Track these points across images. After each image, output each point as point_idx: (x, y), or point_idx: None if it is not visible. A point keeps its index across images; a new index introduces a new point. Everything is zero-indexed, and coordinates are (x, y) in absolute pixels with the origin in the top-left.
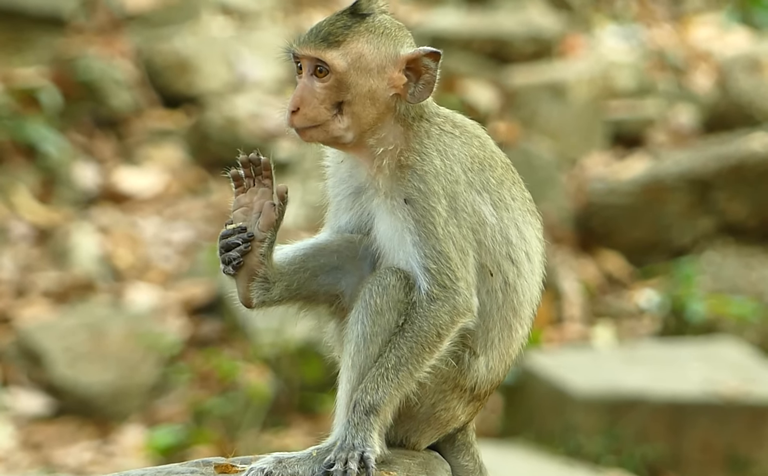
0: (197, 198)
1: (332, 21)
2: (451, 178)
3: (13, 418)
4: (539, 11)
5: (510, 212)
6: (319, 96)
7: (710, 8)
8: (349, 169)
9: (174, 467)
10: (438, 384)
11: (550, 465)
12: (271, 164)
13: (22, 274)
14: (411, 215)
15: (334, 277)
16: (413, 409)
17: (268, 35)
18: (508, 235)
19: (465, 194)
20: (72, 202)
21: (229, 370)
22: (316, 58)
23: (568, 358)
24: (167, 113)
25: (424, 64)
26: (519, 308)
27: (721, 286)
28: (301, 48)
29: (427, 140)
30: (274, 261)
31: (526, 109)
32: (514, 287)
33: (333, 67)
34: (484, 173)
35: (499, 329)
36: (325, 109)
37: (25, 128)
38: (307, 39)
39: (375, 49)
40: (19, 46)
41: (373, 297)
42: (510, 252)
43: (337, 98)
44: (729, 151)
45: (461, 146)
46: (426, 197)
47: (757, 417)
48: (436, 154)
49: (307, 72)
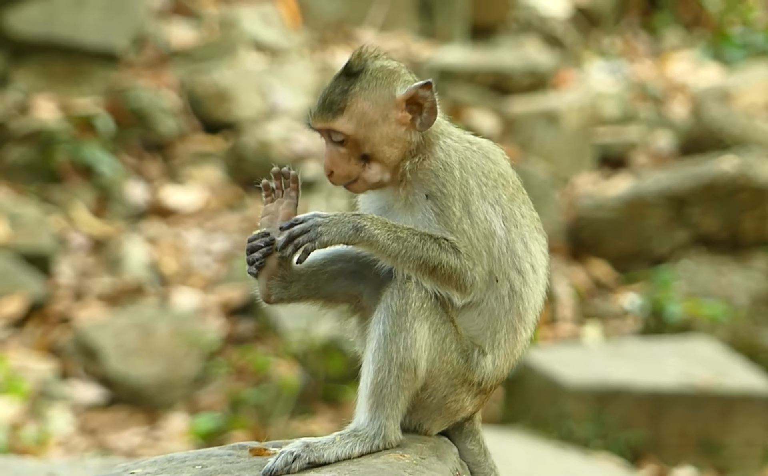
0: (234, 213)
1: (331, 89)
2: (466, 188)
3: (72, 407)
4: (535, 48)
5: (518, 228)
6: (344, 157)
7: (686, 46)
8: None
9: (213, 450)
10: (449, 379)
11: (544, 449)
12: (299, 177)
13: (80, 280)
14: (432, 208)
15: (352, 280)
16: (426, 400)
17: (297, 69)
18: (514, 248)
19: (478, 203)
20: (124, 216)
21: (262, 364)
22: (327, 128)
23: (561, 353)
24: (207, 138)
25: (421, 96)
26: (524, 313)
27: (695, 290)
28: (314, 122)
29: (447, 153)
30: (294, 263)
31: (523, 135)
32: (520, 294)
33: (344, 133)
34: (497, 189)
35: (506, 332)
36: (354, 164)
37: (83, 151)
38: (316, 113)
39: (373, 103)
40: (77, 79)
41: (394, 300)
42: (516, 264)
43: (359, 153)
44: (702, 171)
45: (478, 160)
46: (444, 197)
47: (727, 406)
48: (456, 165)
49: (328, 139)
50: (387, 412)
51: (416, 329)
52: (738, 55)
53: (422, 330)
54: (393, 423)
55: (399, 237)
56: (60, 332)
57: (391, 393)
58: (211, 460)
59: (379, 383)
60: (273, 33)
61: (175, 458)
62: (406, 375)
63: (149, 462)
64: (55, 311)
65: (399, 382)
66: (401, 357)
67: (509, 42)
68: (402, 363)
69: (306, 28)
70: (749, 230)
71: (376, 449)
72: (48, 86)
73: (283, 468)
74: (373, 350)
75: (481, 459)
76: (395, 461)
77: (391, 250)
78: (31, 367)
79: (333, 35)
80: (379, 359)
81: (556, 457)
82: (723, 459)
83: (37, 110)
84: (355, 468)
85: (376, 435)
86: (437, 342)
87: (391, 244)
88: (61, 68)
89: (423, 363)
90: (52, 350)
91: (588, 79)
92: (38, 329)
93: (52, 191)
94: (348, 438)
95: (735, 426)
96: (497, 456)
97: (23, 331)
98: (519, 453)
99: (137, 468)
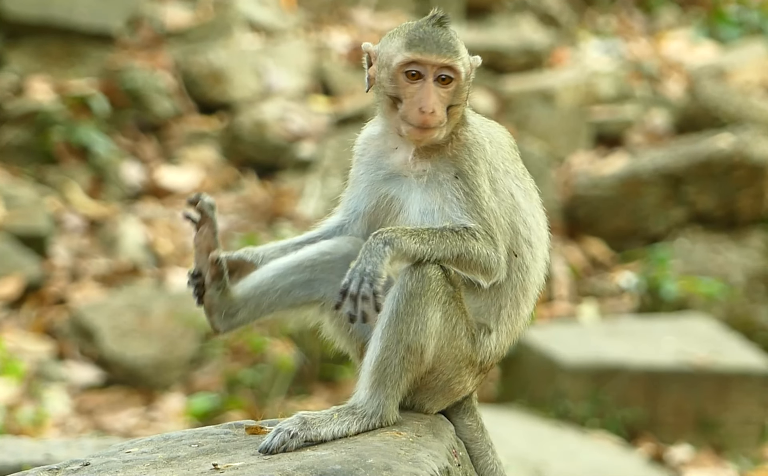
0: (229, 193)
1: (433, 32)
2: (494, 163)
3: (68, 388)
4: (531, 27)
5: (532, 202)
6: (443, 100)
7: (681, 24)
8: (382, 153)
9: (210, 429)
10: (456, 363)
11: (541, 427)
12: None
13: (76, 261)
14: (461, 188)
15: (309, 289)
16: (432, 383)
17: (292, 49)
18: (530, 221)
19: (504, 179)
20: (119, 197)
21: (258, 345)
22: (448, 65)
23: (558, 332)
24: (203, 119)
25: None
26: (528, 287)
27: (691, 268)
28: (435, 57)
29: (477, 129)
30: (235, 291)
31: (519, 114)
32: (527, 269)
33: (458, 74)
34: (517, 163)
35: (510, 307)
36: (445, 111)
37: (78, 132)
38: (433, 48)
39: (467, 57)
40: (72, 60)
41: (411, 280)
42: (529, 236)
43: (452, 101)
44: (698, 149)
45: (501, 137)
46: (475, 174)
47: (723, 384)
48: (486, 140)
49: (432, 78)
50: (387, 391)
51: (429, 316)
52: (733, 33)
53: (435, 317)
54: (392, 402)
55: (423, 239)
56: (56, 314)
57: (394, 372)
58: (207, 439)
59: (384, 361)
60: (268, 13)
61: (172, 437)
62: (412, 358)
63: (145, 441)
64: (51, 293)
65: (404, 363)
66: (410, 339)
67: (504, 21)
68: (410, 345)
69: (301, 9)
70: (745, 207)
71: (372, 427)
72: (43, 68)
73: (279, 446)
74: (383, 327)
75: (478, 436)
76: (392, 439)
77: (420, 253)
78: (27, 348)
79: (328, 15)
80: (387, 337)
81: (553, 436)
82: (719, 437)
83: (32, 92)
84: (352, 445)
85: (374, 414)
86: (448, 330)
87: (419, 247)
88: (56, 49)
89: (431, 348)
90: (48, 332)
91: (583, 58)
92: (34, 311)
93: (48, 173)
94: (346, 415)
95: (731, 404)
96: (494, 435)
97: (19, 312)
98: (516, 432)
99: (134, 448)
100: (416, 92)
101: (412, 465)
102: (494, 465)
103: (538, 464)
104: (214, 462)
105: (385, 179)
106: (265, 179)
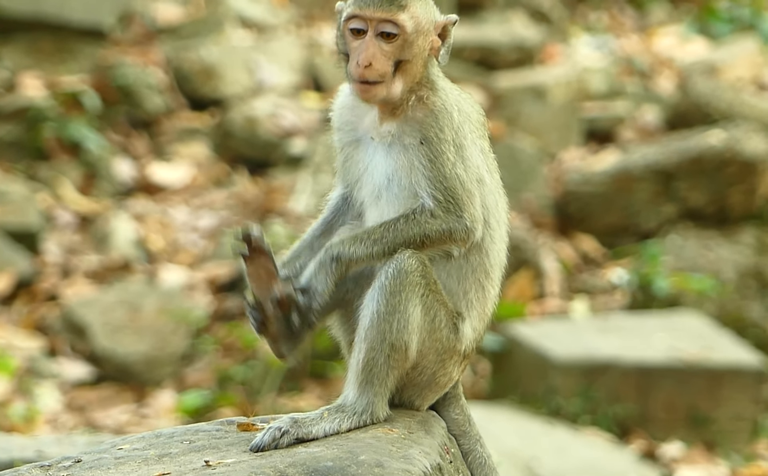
0: (221, 189)
1: None
2: (461, 133)
3: (60, 384)
4: (522, 23)
5: (494, 179)
6: (386, 54)
7: (672, 20)
8: (353, 118)
9: (201, 426)
10: (439, 355)
11: (533, 424)
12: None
13: (67, 257)
14: (425, 154)
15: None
16: (417, 378)
17: (284, 45)
18: (490, 201)
19: (471, 148)
20: (110, 193)
21: (249, 341)
22: (389, 19)
23: (549, 328)
24: (194, 115)
25: (449, 31)
26: (490, 270)
27: (682, 265)
28: (372, 11)
29: (447, 96)
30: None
31: (510, 110)
32: (487, 251)
33: (403, 29)
34: (482, 140)
35: (475, 291)
36: (389, 66)
37: (69, 128)
38: (374, 2)
39: (425, 13)
40: (64, 56)
41: (388, 279)
42: (489, 217)
43: (399, 57)
44: (689, 145)
45: (470, 108)
46: (440, 141)
47: (715, 380)
48: (454, 107)
49: (373, 33)
50: (375, 389)
51: (410, 312)
52: (724, 29)
53: (416, 312)
54: (381, 399)
55: (376, 240)
56: (47, 310)
57: (381, 371)
58: (199, 436)
59: (370, 361)
60: (259, 9)
61: (163, 433)
62: (397, 355)
63: (137, 437)
64: (43, 289)
65: (389, 361)
66: (393, 337)
67: (496, 17)
68: (394, 343)
69: (292, 5)
70: (736, 204)
71: (363, 424)
72: (35, 64)
73: (270, 444)
74: (366, 328)
75: (467, 429)
76: (383, 435)
77: (376, 254)
78: (19, 345)
79: (320, 11)
80: (371, 337)
81: (545, 432)
82: (711, 433)
83: (23, 88)
84: (344, 442)
85: (364, 411)
86: (428, 322)
87: (372, 249)
88: (47, 46)
89: (414, 343)
90: (40, 328)
91: (575, 54)
92: (25, 307)
93: (39, 169)
94: (336, 413)
95: (723, 401)
96: (485, 431)
97: (10, 309)
98: (507, 428)
99: (125, 444)
100: (358, 47)
101: (404, 461)
102: (483, 458)
103: (530, 460)
104: (205, 458)
105: (355, 143)
106: (257, 175)
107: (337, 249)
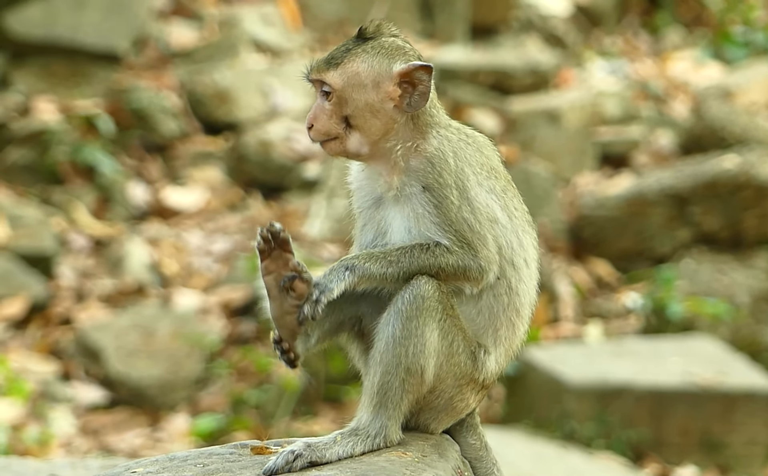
0: (235, 213)
1: (339, 46)
2: (462, 176)
3: (73, 408)
4: (537, 48)
5: (513, 221)
6: (327, 113)
7: (687, 45)
8: (369, 181)
9: (215, 449)
10: (456, 380)
11: (547, 448)
12: (288, 236)
13: (81, 281)
14: (429, 201)
15: (354, 303)
16: (434, 402)
17: (298, 69)
18: (512, 240)
19: (477, 188)
20: (125, 217)
21: (263, 365)
22: (319, 79)
23: (563, 352)
24: (208, 139)
25: (417, 77)
26: (521, 308)
27: (697, 289)
28: (310, 73)
29: (441, 143)
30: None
31: (525, 134)
32: (516, 290)
33: (332, 86)
34: (491, 180)
35: (506, 329)
36: (334, 123)
37: (84, 152)
38: (314, 64)
39: (369, 67)
40: (78, 80)
41: (405, 304)
42: (513, 258)
43: (342, 113)
44: (704, 170)
45: (472, 152)
46: (441, 187)
47: (729, 405)
48: (450, 154)
49: (318, 93)
50: (389, 413)
51: (426, 336)
52: (739, 53)
53: (432, 337)
54: (394, 423)
55: (391, 261)
56: (61, 334)
57: (395, 395)
58: (212, 459)
59: (384, 385)
60: (273, 33)
61: (177, 457)
62: (413, 380)
63: (151, 461)
64: (57, 313)
65: (404, 386)
66: (409, 361)
67: (510, 41)
68: (409, 367)
69: (306, 29)
70: (751, 228)
71: (377, 447)
72: (48, 88)
73: (284, 467)
74: (381, 352)
75: (483, 454)
76: (397, 459)
77: (389, 275)
78: (33, 369)
79: (333, 35)
80: (386, 361)
81: (559, 457)
82: (725, 457)
83: (37, 112)
84: (357, 466)
85: (377, 434)
86: (445, 347)
87: (387, 270)
88: (61, 69)
89: (431, 368)
90: (54, 352)
91: (589, 79)
92: (39, 331)
93: (53, 193)
94: (349, 437)
95: (737, 425)
96: (500, 455)
97: (24, 333)
98: (521, 452)
99: (139, 467)
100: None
101: None
102: None
103: None
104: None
105: (376, 204)
106: (271, 200)
107: (352, 261)
